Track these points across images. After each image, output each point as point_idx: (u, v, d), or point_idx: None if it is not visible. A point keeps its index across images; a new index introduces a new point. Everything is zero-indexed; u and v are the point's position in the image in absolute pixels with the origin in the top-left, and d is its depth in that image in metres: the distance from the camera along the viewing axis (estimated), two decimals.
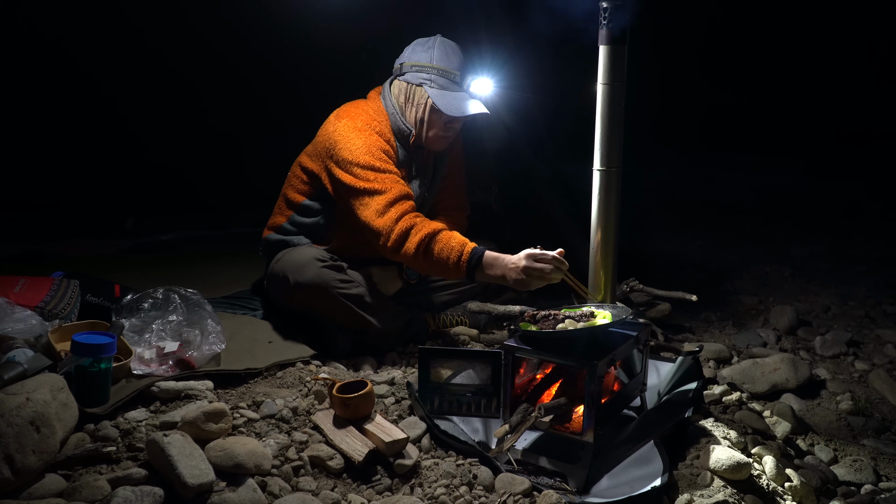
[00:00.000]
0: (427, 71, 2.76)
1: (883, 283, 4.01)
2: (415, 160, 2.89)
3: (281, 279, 2.73)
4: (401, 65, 2.81)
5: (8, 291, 2.49)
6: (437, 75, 2.75)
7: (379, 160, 2.68)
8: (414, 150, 2.87)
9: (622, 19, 2.30)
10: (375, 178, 2.65)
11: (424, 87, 2.75)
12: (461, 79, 2.78)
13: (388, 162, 2.70)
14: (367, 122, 2.74)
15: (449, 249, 2.56)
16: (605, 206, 2.45)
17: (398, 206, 2.63)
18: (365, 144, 2.68)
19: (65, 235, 3.80)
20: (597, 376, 2.12)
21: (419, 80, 2.76)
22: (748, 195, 5.65)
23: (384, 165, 2.68)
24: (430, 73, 2.76)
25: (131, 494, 1.79)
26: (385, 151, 2.72)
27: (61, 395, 1.97)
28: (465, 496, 2.05)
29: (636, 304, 3.26)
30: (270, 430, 2.19)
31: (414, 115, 2.80)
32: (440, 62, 2.75)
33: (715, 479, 2.16)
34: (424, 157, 2.93)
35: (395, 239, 2.59)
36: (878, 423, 2.75)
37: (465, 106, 2.73)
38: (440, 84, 2.75)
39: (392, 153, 2.76)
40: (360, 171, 2.65)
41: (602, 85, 2.38)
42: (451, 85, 2.76)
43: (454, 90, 2.76)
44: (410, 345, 2.85)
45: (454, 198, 3.07)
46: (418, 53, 2.78)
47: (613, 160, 2.40)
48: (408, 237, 2.59)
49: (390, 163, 2.71)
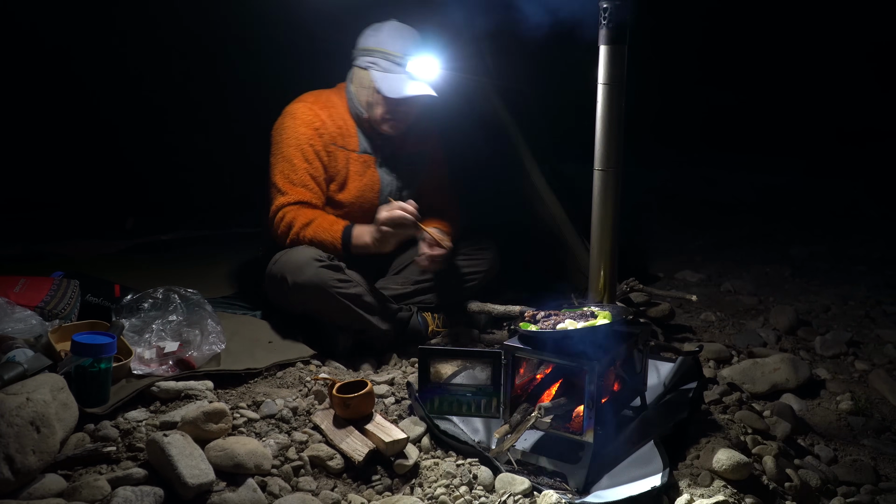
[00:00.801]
0: (373, 54, 2.82)
1: (883, 283, 4.01)
2: (382, 147, 2.94)
3: (279, 280, 2.73)
4: (353, 50, 2.89)
5: (8, 291, 2.49)
6: (382, 58, 2.80)
7: (297, 150, 2.80)
8: (380, 136, 2.92)
9: (622, 19, 2.29)
10: (294, 173, 2.80)
11: (370, 70, 2.81)
12: (404, 60, 2.80)
13: (305, 156, 2.80)
14: (309, 107, 2.85)
15: (323, 230, 2.75)
16: (604, 206, 2.45)
17: (295, 194, 2.79)
18: (293, 132, 2.82)
19: (65, 235, 3.80)
20: (597, 376, 2.12)
21: (366, 64, 2.83)
22: (748, 195, 5.65)
23: (301, 163, 2.80)
24: (375, 56, 2.81)
25: (131, 494, 1.79)
26: (310, 143, 2.81)
27: (61, 395, 1.97)
28: (465, 496, 2.05)
29: (636, 303, 3.26)
30: (270, 430, 2.19)
31: (365, 99, 2.86)
32: (385, 45, 2.81)
33: (715, 479, 2.15)
34: (397, 146, 2.97)
35: (284, 227, 2.77)
36: (878, 423, 2.75)
37: (405, 87, 2.78)
38: (384, 67, 2.79)
39: (319, 143, 2.82)
40: (275, 153, 2.85)
41: (602, 85, 2.38)
42: (395, 67, 2.80)
43: (397, 72, 2.79)
44: (410, 345, 2.85)
45: (437, 195, 3.08)
46: (367, 38, 2.85)
47: (613, 160, 2.40)
48: (291, 227, 2.76)
49: (308, 158, 2.80)
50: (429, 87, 2.80)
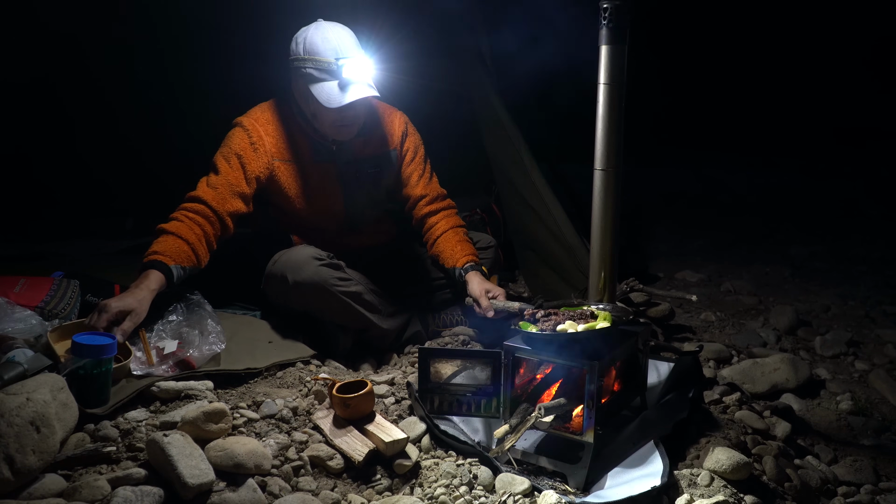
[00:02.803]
0: (305, 64, 2.69)
1: (883, 283, 4.02)
2: (338, 153, 2.85)
3: (279, 279, 2.73)
4: (287, 60, 2.77)
5: (8, 291, 2.49)
6: (313, 67, 2.67)
7: (222, 157, 2.71)
8: (335, 142, 2.83)
9: (622, 19, 2.29)
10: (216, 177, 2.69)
11: (306, 81, 2.70)
12: (336, 66, 2.65)
13: (234, 168, 2.70)
14: (255, 120, 2.76)
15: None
16: (605, 206, 2.45)
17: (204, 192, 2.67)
18: (228, 140, 2.74)
19: (65, 235, 3.80)
20: (597, 376, 2.12)
21: (300, 75, 2.71)
22: (748, 195, 5.66)
23: (225, 167, 2.70)
24: (306, 66, 2.68)
25: (131, 494, 1.79)
26: (238, 156, 2.72)
27: (61, 395, 1.96)
28: (465, 496, 2.05)
29: (636, 303, 3.26)
30: (270, 430, 2.19)
31: (309, 110, 2.77)
32: (313, 53, 2.66)
33: (715, 479, 2.15)
34: (358, 150, 2.88)
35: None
36: (878, 423, 2.75)
37: (343, 96, 2.65)
38: (317, 76, 2.67)
39: (252, 155, 2.73)
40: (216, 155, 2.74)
41: (602, 85, 2.38)
42: (327, 75, 2.66)
43: (330, 79, 2.66)
44: (410, 345, 2.85)
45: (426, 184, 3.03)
46: (297, 45, 2.72)
47: (613, 160, 2.40)
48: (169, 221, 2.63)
49: (236, 169, 2.70)
50: (369, 88, 2.68)
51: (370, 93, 2.68)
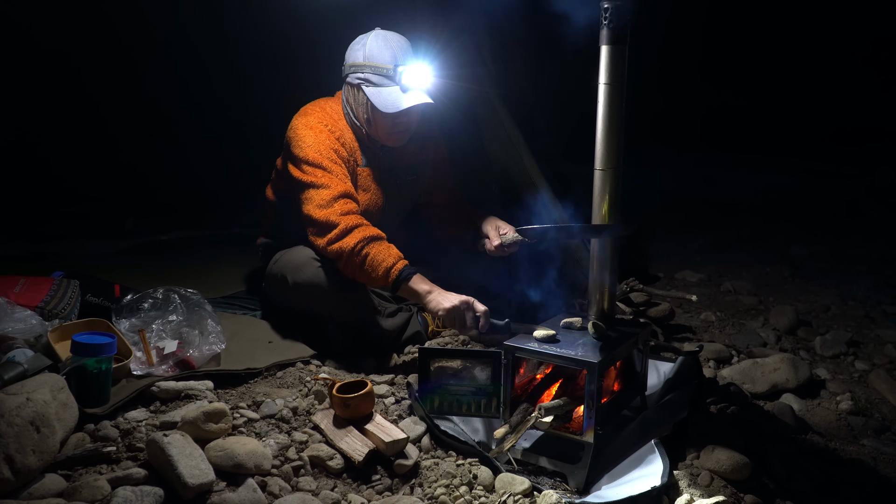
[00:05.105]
0: (362, 70, 2.74)
1: (883, 283, 4.01)
2: (382, 160, 2.89)
3: (280, 280, 2.73)
4: (343, 67, 2.82)
5: (8, 291, 2.49)
6: (372, 73, 2.72)
7: (327, 158, 2.70)
8: (381, 149, 2.87)
9: (623, 19, 2.29)
10: (322, 174, 2.67)
11: (362, 87, 2.74)
12: (395, 72, 2.72)
13: (336, 162, 2.72)
14: (320, 120, 2.77)
15: (386, 255, 2.61)
16: (604, 205, 2.45)
17: (343, 202, 2.65)
18: (315, 142, 2.71)
19: (65, 235, 3.80)
20: (597, 376, 2.12)
21: (357, 81, 2.75)
22: (748, 195, 5.66)
23: (330, 165, 2.70)
24: (364, 72, 2.73)
25: (131, 494, 1.79)
26: (335, 150, 2.73)
27: (61, 395, 1.97)
28: (465, 496, 2.05)
29: (636, 303, 3.27)
30: (270, 430, 2.19)
31: (362, 116, 2.80)
32: (372, 59, 2.72)
33: (715, 479, 2.15)
34: (398, 158, 2.93)
35: (338, 232, 2.60)
36: (878, 423, 2.75)
37: (401, 100, 2.71)
38: (375, 82, 2.72)
39: (344, 152, 2.77)
40: (308, 168, 2.69)
41: (602, 85, 2.38)
42: (386, 80, 2.72)
43: (389, 85, 2.72)
44: (410, 345, 2.85)
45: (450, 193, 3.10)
46: (354, 53, 2.78)
47: (613, 160, 2.40)
48: (350, 233, 2.61)
49: (339, 163, 2.73)
50: (424, 95, 2.74)
51: (426, 100, 2.73)
